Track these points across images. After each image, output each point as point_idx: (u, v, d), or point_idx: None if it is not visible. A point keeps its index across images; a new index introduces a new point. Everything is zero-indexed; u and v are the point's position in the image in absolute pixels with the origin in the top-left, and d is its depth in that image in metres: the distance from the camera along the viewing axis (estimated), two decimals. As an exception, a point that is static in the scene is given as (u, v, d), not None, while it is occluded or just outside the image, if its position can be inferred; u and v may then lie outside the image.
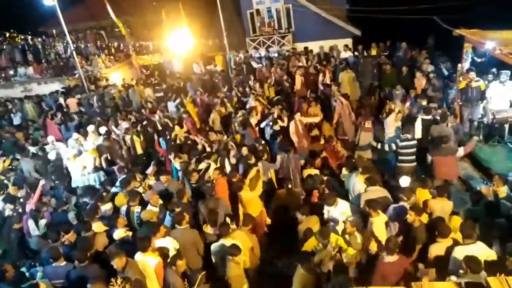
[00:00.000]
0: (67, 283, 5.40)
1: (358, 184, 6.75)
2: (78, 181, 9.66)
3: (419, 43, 14.57)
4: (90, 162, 9.64)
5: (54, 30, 24.05)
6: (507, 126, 9.07)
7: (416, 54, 13.91)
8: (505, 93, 9.03)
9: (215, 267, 5.79)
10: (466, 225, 5.04)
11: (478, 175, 8.54)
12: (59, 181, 9.83)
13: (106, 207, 7.16)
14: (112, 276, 4.71)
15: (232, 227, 5.95)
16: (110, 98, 15.68)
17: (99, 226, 6.44)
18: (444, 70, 11.98)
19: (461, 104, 9.54)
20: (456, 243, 5.01)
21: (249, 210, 6.78)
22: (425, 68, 12.12)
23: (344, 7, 19.65)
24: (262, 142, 9.19)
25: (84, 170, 9.60)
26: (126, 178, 7.86)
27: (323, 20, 18.52)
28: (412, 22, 12.99)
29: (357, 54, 15.20)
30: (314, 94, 12.27)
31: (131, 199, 6.84)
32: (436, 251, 5.08)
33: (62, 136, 12.72)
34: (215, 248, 5.64)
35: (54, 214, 7.72)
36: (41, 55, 22.16)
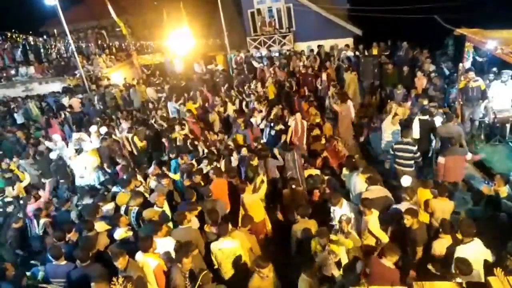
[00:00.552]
0: (68, 283, 5.37)
1: (359, 183, 6.75)
2: (80, 180, 9.70)
3: (420, 43, 14.55)
4: (89, 162, 9.67)
5: (55, 30, 24.15)
6: (509, 126, 9.06)
7: (417, 53, 13.91)
8: (506, 92, 9.01)
9: (215, 267, 5.78)
10: (464, 223, 5.07)
11: (480, 175, 8.51)
12: (63, 179, 9.87)
13: (108, 207, 7.16)
14: (113, 275, 4.72)
15: (230, 228, 5.95)
16: (111, 97, 15.70)
17: (101, 226, 6.44)
18: (445, 69, 11.97)
19: (461, 104, 9.54)
20: (455, 241, 5.04)
21: (251, 213, 6.68)
22: (426, 67, 12.11)
23: (345, 7, 19.65)
24: (262, 141, 9.18)
25: (85, 170, 9.64)
26: (126, 177, 7.87)
27: (324, 19, 18.51)
28: (413, 22, 12.97)
29: (358, 53, 15.20)
30: (313, 94, 12.31)
31: (133, 199, 6.82)
32: (438, 247, 5.13)
33: (65, 135, 12.76)
34: (214, 247, 5.64)
35: (56, 213, 7.74)
36: (42, 55, 22.21)
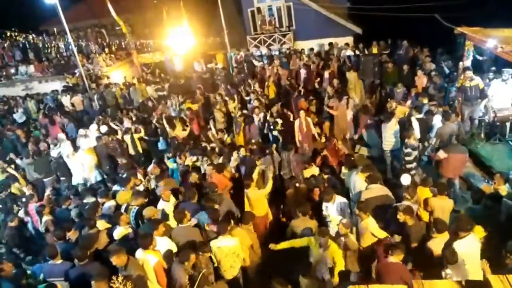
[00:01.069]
0: (66, 282, 5.33)
1: (359, 182, 6.75)
2: (78, 178, 9.72)
3: (421, 41, 14.54)
4: (86, 161, 9.67)
5: (55, 29, 24.11)
6: (509, 124, 9.07)
7: (417, 52, 13.89)
8: (506, 91, 9.00)
9: (214, 265, 5.78)
10: (461, 218, 5.11)
11: (479, 174, 8.53)
12: (64, 177, 9.89)
13: (110, 204, 7.17)
14: (113, 274, 4.72)
15: (232, 225, 5.96)
16: (112, 96, 15.69)
17: (101, 224, 6.45)
18: (445, 68, 11.96)
19: (461, 102, 9.54)
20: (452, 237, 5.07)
21: (255, 208, 6.83)
22: (428, 66, 12.11)
23: (345, 5, 19.62)
24: (258, 140, 9.26)
25: (82, 168, 9.66)
26: (126, 176, 7.88)
27: (324, 18, 18.48)
28: (413, 20, 12.94)
29: (358, 52, 15.18)
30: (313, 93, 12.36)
31: (135, 199, 6.82)
32: (433, 247, 5.14)
33: (66, 134, 12.76)
34: (213, 245, 5.64)
35: (57, 211, 7.75)
36: (42, 54, 22.19)
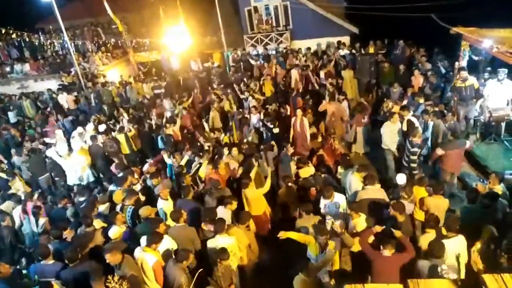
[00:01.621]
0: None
1: (354, 181, 6.78)
2: (74, 179, 9.69)
3: (417, 41, 14.59)
4: (80, 161, 9.65)
5: (51, 27, 23.95)
6: (504, 124, 9.11)
7: (414, 52, 13.94)
8: (502, 91, 9.03)
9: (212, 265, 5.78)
10: (450, 218, 5.19)
11: (475, 173, 8.58)
12: (59, 177, 9.85)
13: (103, 207, 7.16)
14: (108, 273, 4.72)
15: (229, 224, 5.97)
16: (108, 95, 15.64)
17: (97, 223, 6.45)
18: (441, 68, 12.01)
19: (456, 102, 9.58)
20: (439, 235, 5.15)
21: (253, 208, 6.85)
22: (426, 66, 12.15)
23: (342, 5, 19.64)
24: (253, 139, 9.34)
25: (76, 168, 9.66)
26: (123, 175, 7.86)
27: (321, 17, 18.48)
28: (409, 20, 12.99)
29: (354, 52, 15.21)
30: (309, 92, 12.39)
31: (128, 198, 6.82)
32: (425, 241, 5.20)
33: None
34: (211, 244, 5.65)
35: (52, 211, 7.72)
36: (37, 52, 22.06)
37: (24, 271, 5.99)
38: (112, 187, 7.97)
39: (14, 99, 16.54)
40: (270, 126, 9.70)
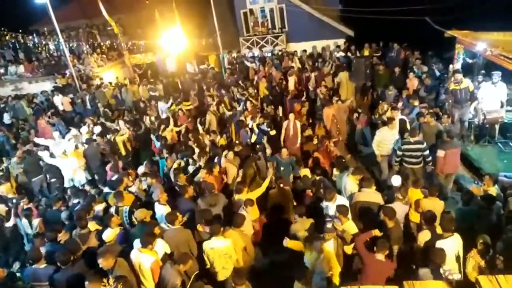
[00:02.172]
0: (52, 286, 5.26)
1: (350, 184, 6.76)
2: (69, 180, 9.63)
3: (412, 44, 14.69)
4: (73, 163, 9.61)
5: (46, 28, 23.84)
6: (498, 127, 9.18)
7: (409, 55, 14.03)
8: (496, 93, 9.10)
9: (207, 266, 5.77)
10: (445, 218, 5.19)
11: (469, 175, 8.64)
12: (55, 179, 9.78)
13: (99, 208, 7.12)
14: (102, 276, 4.69)
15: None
16: (103, 97, 15.56)
17: (92, 225, 6.40)
18: (436, 70, 12.09)
19: (451, 105, 9.64)
20: (434, 235, 5.17)
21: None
22: (423, 68, 12.22)
23: (337, 8, 19.74)
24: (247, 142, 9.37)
25: (69, 170, 9.61)
26: (118, 177, 7.82)
27: (317, 20, 18.57)
28: (404, 23, 13.09)
29: (349, 54, 15.28)
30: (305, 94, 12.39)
31: (118, 200, 6.77)
32: (423, 239, 5.24)
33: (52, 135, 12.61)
34: (206, 246, 5.63)
35: (47, 213, 7.66)
36: (32, 54, 21.92)
37: (18, 274, 5.93)
38: (107, 190, 7.93)
39: (10, 100, 16.40)
40: (267, 129, 9.69)
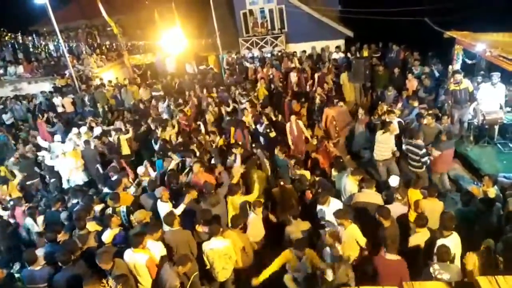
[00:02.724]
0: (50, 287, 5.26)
1: (349, 184, 6.76)
2: (66, 181, 9.64)
3: (411, 45, 14.69)
4: (71, 163, 9.59)
5: (45, 29, 23.82)
6: (497, 127, 9.18)
7: (408, 55, 14.03)
8: (495, 94, 9.10)
9: (207, 267, 5.76)
10: (445, 217, 5.18)
11: (468, 176, 8.64)
12: (54, 179, 9.77)
13: (98, 208, 7.11)
14: (101, 276, 4.69)
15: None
16: (103, 97, 15.56)
17: (92, 226, 6.40)
18: (435, 71, 12.09)
19: (451, 105, 9.65)
20: (433, 234, 5.19)
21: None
22: (424, 69, 12.22)
23: (336, 8, 19.74)
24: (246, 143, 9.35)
25: (67, 171, 9.61)
26: (117, 178, 7.81)
27: (316, 21, 18.57)
28: (404, 24, 13.11)
29: (349, 55, 15.29)
30: (304, 95, 12.42)
31: (114, 202, 6.75)
32: (414, 241, 5.24)
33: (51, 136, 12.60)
34: (206, 246, 5.62)
35: (46, 213, 7.65)
36: (31, 54, 21.91)
37: (17, 275, 5.92)
38: (106, 190, 7.93)
39: (10, 101, 16.40)
40: (267, 131, 9.70)
